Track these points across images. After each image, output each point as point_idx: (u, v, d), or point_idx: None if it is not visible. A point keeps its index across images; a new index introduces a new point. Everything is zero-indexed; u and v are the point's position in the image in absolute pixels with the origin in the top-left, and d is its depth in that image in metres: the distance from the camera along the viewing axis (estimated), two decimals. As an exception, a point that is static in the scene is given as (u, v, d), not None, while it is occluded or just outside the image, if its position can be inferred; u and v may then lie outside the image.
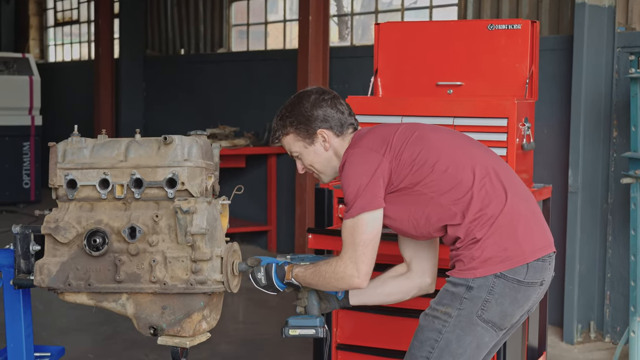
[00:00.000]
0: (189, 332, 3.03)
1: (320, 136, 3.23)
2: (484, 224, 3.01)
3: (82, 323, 6.22)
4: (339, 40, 9.20)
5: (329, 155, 3.26)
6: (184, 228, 2.94)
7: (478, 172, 3.08)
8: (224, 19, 10.31)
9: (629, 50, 5.57)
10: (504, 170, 3.16)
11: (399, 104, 4.46)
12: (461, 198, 3.04)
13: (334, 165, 3.28)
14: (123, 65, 12.01)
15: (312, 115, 3.22)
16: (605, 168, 5.91)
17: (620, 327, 5.82)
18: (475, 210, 3.02)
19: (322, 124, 3.22)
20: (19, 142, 11.61)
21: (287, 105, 3.28)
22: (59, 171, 3.08)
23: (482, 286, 2.99)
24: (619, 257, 5.84)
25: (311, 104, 3.23)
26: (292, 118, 3.23)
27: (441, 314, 3.05)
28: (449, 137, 3.23)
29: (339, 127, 3.24)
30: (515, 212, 3.05)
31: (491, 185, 3.06)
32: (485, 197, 3.04)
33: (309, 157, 3.27)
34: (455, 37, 4.64)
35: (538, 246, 3.06)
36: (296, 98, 3.28)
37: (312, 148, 3.25)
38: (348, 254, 3.05)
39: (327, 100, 3.24)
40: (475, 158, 3.13)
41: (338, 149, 3.25)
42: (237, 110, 9.65)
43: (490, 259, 2.99)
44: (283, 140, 3.29)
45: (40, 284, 3.07)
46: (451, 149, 3.13)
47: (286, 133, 3.26)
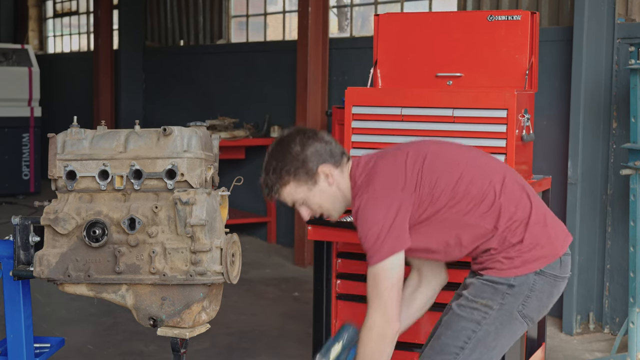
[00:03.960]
0: (188, 323, 3.03)
1: (322, 174, 3.14)
2: (517, 229, 3.05)
3: (82, 314, 6.22)
4: (339, 31, 9.18)
5: (334, 190, 3.18)
6: (184, 219, 2.94)
7: (496, 181, 3.10)
8: (224, 10, 10.29)
9: (629, 41, 5.56)
10: (514, 173, 3.20)
11: (399, 95, 4.46)
12: (488, 211, 3.05)
13: (340, 200, 3.20)
14: (122, 57, 11.99)
15: (306, 156, 3.12)
16: (604, 159, 5.91)
17: (620, 318, 5.82)
18: (506, 219, 3.05)
19: (320, 160, 3.14)
20: (18, 134, 11.59)
21: (275, 157, 3.17)
22: (58, 162, 3.08)
23: (523, 284, 3.04)
24: (618, 249, 5.85)
25: (300, 146, 3.13)
26: (287, 166, 3.14)
27: (481, 306, 3.05)
28: (457, 152, 3.22)
29: (333, 158, 3.16)
30: (540, 211, 3.11)
31: (512, 191, 3.10)
32: (510, 203, 3.06)
33: (316, 198, 3.18)
34: (455, 28, 4.63)
35: (562, 238, 3.13)
36: (280, 146, 3.17)
37: (317, 188, 3.16)
38: (375, 305, 3.03)
39: (312, 136, 3.15)
40: (487, 168, 3.15)
41: (340, 183, 3.18)
42: (236, 102, 9.64)
43: (529, 258, 3.04)
44: (283, 192, 3.18)
45: (40, 275, 3.07)
46: (464, 166, 3.13)
47: (285, 183, 3.16)
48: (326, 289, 4.48)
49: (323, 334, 4.48)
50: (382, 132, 4.48)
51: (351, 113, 4.53)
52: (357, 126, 4.53)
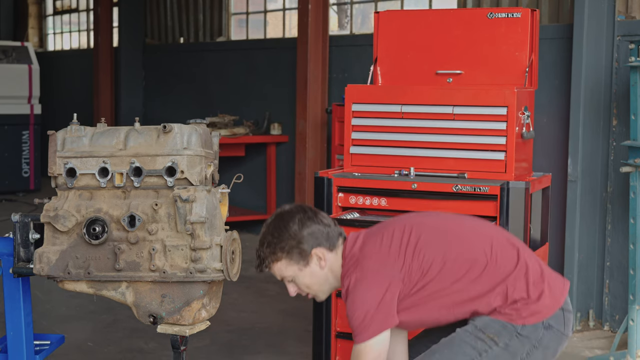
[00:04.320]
0: (188, 320, 3.03)
1: (315, 256, 3.14)
2: (517, 285, 3.05)
3: (82, 311, 6.22)
4: (339, 28, 9.17)
5: (326, 274, 3.18)
6: (184, 216, 2.95)
7: (485, 244, 3.11)
8: (224, 8, 10.28)
9: (629, 38, 5.56)
10: (502, 232, 3.22)
11: (399, 92, 4.46)
12: (480, 275, 3.05)
13: (330, 282, 3.21)
14: (122, 54, 11.99)
15: (303, 237, 3.12)
16: (604, 157, 5.91)
17: (620, 315, 5.82)
18: (502, 279, 3.05)
19: (315, 243, 3.13)
20: (18, 131, 11.59)
21: (272, 231, 3.15)
22: (58, 160, 3.08)
23: (531, 334, 3.05)
24: (618, 246, 5.85)
25: (299, 225, 3.12)
26: (282, 243, 3.13)
27: (487, 338, 3.05)
28: (442, 221, 3.23)
29: (329, 241, 3.16)
30: (536, 264, 3.12)
31: (503, 250, 3.11)
32: (504, 262, 3.07)
33: (305, 279, 3.18)
34: (455, 25, 4.63)
35: (561, 286, 3.15)
36: (279, 221, 3.16)
37: (307, 270, 3.16)
38: None
39: (312, 217, 3.15)
40: (474, 233, 3.17)
41: (333, 265, 3.17)
42: (236, 99, 9.64)
43: (536, 309, 3.04)
44: (273, 267, 3.17)
45: (40, 272, 3.07)
46: (451, 234, 3.14)
47: (276, 259, 3.15)
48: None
49: (323, 331, 4.48)
50: (382, 130, 4.48)
51: (351, 110, 4.53)
52: (357, 123, 4.54)
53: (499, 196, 4.10)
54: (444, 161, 4.36)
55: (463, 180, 4.23)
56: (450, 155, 4.35)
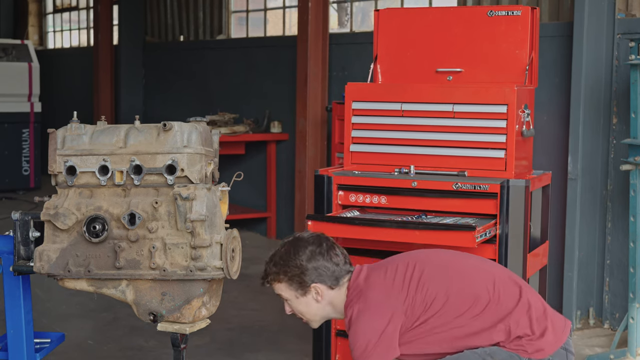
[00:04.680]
0: (188, 318, 3.04)
1: (313, 290, 3.22)
2: (519, 320, 3.07)
3: (82, 309, 6.22)
4: (339, 26, 9.17)
5: (322, 306, 3.25)
6: (184, 214, 2.95)
7: (488, 281, 3.14)
8: (223, 6, 10.28)
9: (629, 36, 5.56)
10: (504, 270, 3.25)
11: (399, 90, 4.46)
12: (483, 311, 3.08)
13: (326, 314, 3.29)
14: (122, 52, 11.99)
15: (307, 269, 3.20)
16: (604, 155, 5.91)
17: (620, 313, 5.82)
18: (504, 315, 3.07)
19: (317, 279, 3.20)
20: (18, 129, 11.59)
21: (282, 253, 3.25)
22: (58, 158, 3.08)
23: None
24: (618, 244, 5.85)
25: (307, 257, 3.20)
26: (286, 268, 3.22)
27: None
28: (445, 258, 3.26)
29: (333, 280, 3.22)
30: (538, 302, 3.16)
31: (505, 288, 3.14)
32: (506, 300, 3.10)
33: (299, 306, 3.28)
34: (455, 23, 4.63)
35: (562, 325, 3.17)
36: (292, 246, 3.24)
37: (303, 299, 3.25)
38: None
39: (323, 253, 3.21)
40: (477, 270, 3.20)
41: (333, 300, 3.24)
42: (236, 97, 9.64)
43: (540, 346, 3.07)
44: (274, 285, 3.29)
45: (40, 270, 3.07)
46: (454, 270, 3.17)
47: (278, 280, 3.26)
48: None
49: (323, 329, 4.48)
50: (382, 128, 4.48)
51: (351, 108, 4.53)
52: (357, 121, 4.54)
53: (499, 194, 4.10)
54: (444, 159, 4.36)
55: (463, 178, 4.23)
56: (450, 153, 4.35)
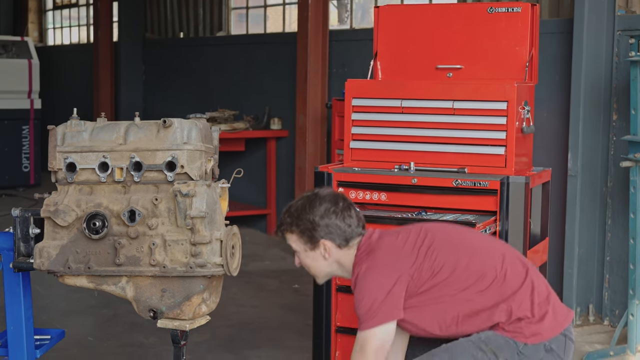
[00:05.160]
0: (188, 315, 3.04)
1: (322, 246, 3.23)
2: (522, 303, 3.07)
3: (82, 306, 6.22)
4: (339, 23, 9.17)
5: (329, 263, 3.27)
6: (184, 211, 2.95)
7: (497, 259, 3.14)
8: (223, 2, 10.27)
9: (629, 33, 5.55)
10: (514, 251, 3.25)
11: (399, 87, 4.45)
12: (488, 288, 3.08)
13: (331, 271, 3.30)
14: (122, 49, 11.98)
15: (318, 225, 3.21)
16: (604, 151, 5.91)
17: (619, 310, 5.82)
18: (508, 295, 3.07)
19: (326, 236, 3.21)
20: (18, 126, 11.59)
21: (299, 206, 3.27)
22: (58, 154, 3.08)
23: (532, 356, 3.07)
24: (618, 241, 5.85)
25: (320, 214, 3.21)
26: (299, 221, 3.24)
27: (488, 351, 3.07)
28: (458, 233, 3.28)
29: (343, 240, 3.23)
30: (543, 286, 3.16)
31: (513, 268, 3.14)
32: (513, 280, 3.10)
33: (307, 260, 3.29)
34: (455, 20, 4.62)
35: (565, 312, 3.18)
36: (309, 201, 3.26)
37: (311, 254, 3.26)
38: None
39: (337, 212, 3.22)
40: (487, 247, 3.20)
41: (341, 259, 3.26)
42: (236, 94, 9.64)
43: (538, 330, 3.07)
44: (286, 235, 3.30)
45: (40, 267, 3.08)
46: (465, 245, 3.19)
47: (291, 231, 3.28)
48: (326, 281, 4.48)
49: (323, 325, 4.48)
50: (382, 124, 4.47)
51: (351, 105, 4.52)
52: (357, 118, 4.53)
53: (499, 191, 4.10)
54: (444, 156, 4.36)
55: (463, 175, 4.23)
56: (450, 149, 4.35)
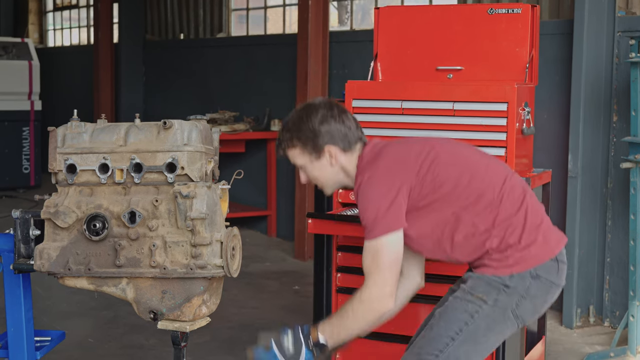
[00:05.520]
0: (189, 316, 3.04)
1: (327, 153, 3.20)
2: (515, 230, 3.07)
3: (83, 308, 6.22)
4: (339, 24, 9.17)
5: (335, 171, 3.24)
6: (184, 213, 2.95)
7: (498, 181, 3.13)
8: (224, 4, 10.28)
9: (630, 34, 5.55)
10: (516, 176, 3.23)
11: (399, 88, 4.46)
12: (486, 209, 3.08)
13: (339, 179, 3.27)
14: (122, 50, 11.99)
15: (319, 132, 3.18)
16: (605, 153, 5.91)
17: (620, 311, 5.83)
18: (503, 219, 3.07)
19: (330, 141, 3.19)
20: (19, 127, 11.60)
21: (295, 119, 3.24)
22: (58, 156, 3.08)
23: (518, 285, 3.06)
24: (618, 242, 5.85)
25: (319, 120, 3.19)
26: (299, 133, 3.21)
27: (476, 299, 3.08)
28: (463, 150, 3.26)
29: (346, 143, 3.21)
30: (539, 213, 3.15)
31: (512, 192, 3.13)
32: (510, 204, 3.09)
33: (314, 171, 3.26)
34: (455, 21, 4.63)
35: (558, 239, 3.18)
36: (303, 111, 3.24)
37: (317, 163, 3.23)
38: (372, 279, 3.04)
39: (335, 115, 3.20)
40: (490, 168, 3.18)
41: (346, 165, 3.23)
42: (236, 95, 9.64)
43: (524, 257, 3.06)
44: (288, 152, 3.27)
45: (40, 268, 3.07)
46: (469, 163, 3.17)
47: (292, 146, 3.24)
48: (326, 282, 4.48)
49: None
50: (382, 126, 4.47)
51: (351, 106, 4.52)
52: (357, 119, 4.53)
53: (499, 192, 4.09)
54: (444, 157, 4.35)
55: (463, 176, 4.22)
56: (450, 151, 4.34)
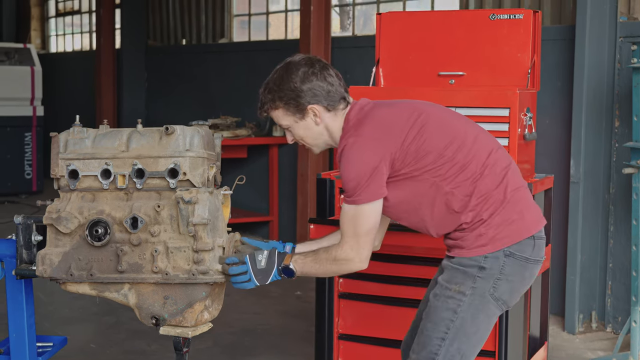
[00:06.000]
0: (191, 322, 3.04)
1: (311, 112, 3.15)
2: (491, 205, 3.06)
3: (85, 313, 6.22)
4: (341, 30, 9.18)
5: (321, 129, 3.20)
6: (186, 218, 2.95)
7: (483, 154, 3.11)
8: (226, 9, 10.29)
9: (631, 40, 5.56)
10: (502, 150, 3.21)
11: (401, 93, 4.45)
12: (466, 181, 3.07)
13: (325, 139, 3.23)
14: (125, 56, 11.99)
15: (301, 91, 3.13)
16: (607, 158, 5.91)
17: (622, 317, 5.82)
18: (482, 194, 3.06)
19: (312, 99, 3.14)
20: (21, 133, 11.60)
21: (275, 78, 3.19)
22: (60, 161, 3.08)
23: (493, 266, 3.06)
24: (620, 247, 5.84)
25: (300, 79, 3.13)
26: (281, 93, 3.15)
27: (455, 293, 3.08)
28: (452, 118, 3.22)
29: (329, 101, 3.15)
30: (520, 191, 3.14)
31: (495, 166, 3.11)
32: (491, 179, 3.08)
33: (300, 131, 3.21)
34: (457, 27, 4.63)
35: (536, 219, 3.16)
36: (284, 70, 3.18)
37: (302, 123, 3.18)
38: (350, 243, 3.05)
39: (317, 73, 3.15)
40: (478, 140, 3.16)
41: (329, 124, 3.18)
42: (238, 101, 9.65)
43: (497, 235, 3.06)
44: (272, 114, 3.22)
45: (43, 274, 3.08)
46: (456, 133, 3.13)
47: (275, 107, 3.19)
48: (328, 287, 4.48)
49: (325, 332, 4.48)
50: (384, 131, 4.46)
51: (353, 112, 4.51)
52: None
53: (501, 198, 4.09)
54: (446, 162, 4.35)
55: (465, 182, 4.22)
56: (452, 156, 4.34)
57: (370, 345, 4.43)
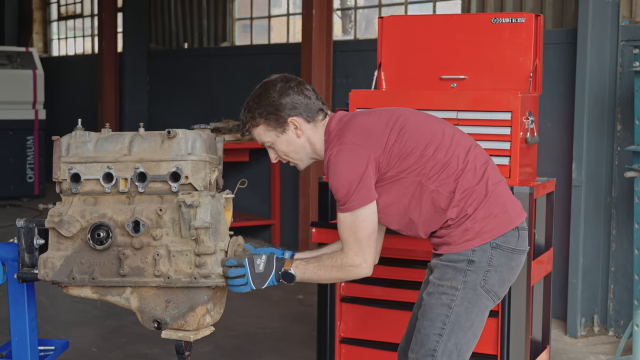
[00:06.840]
0: (192, 325, 3.04)
1: (291, 124, 3.21)
2: (474, 200, 3.13)
3: (86, 317, 6.22)
4: (343, 34, 9.18)
5: (303, 142, 3.24)
6: (188, 222, 2.95)
7: (461, 152, 3.19)
8: (228, 13, 10.30)
9: (633, 43, 5.56)
10: (479, 148, 3.29)
11: (403, 97, 4.46)
12: (449, 178, 3.13)
13: (308, 152, 3.28)
14: (127, 59, 12.00)
15: (280, 104, 3.19)
16: (609, 162, 5.91)
17: (624, 320, 5.81)
18: (464, 190, 3.13)
19: (292, 112, 3.20)
20: (23, 136, 11.60)
21: (254, 97, 3.26)
22: (62, 165, 3.08)
23: (481, 259, 3.13)
24: (622, 251, 5.84)
25: (278, 93, 3.20)
26: (260, 109, 3.21)
27: (448, 289, 3.14)
28: (428, 120, 3.29)
29: (308, 112, 3.22)
30: (500, 186, 3.21)
31: (474, 163, 3.19)
32: (471, 175, 3.16)
33: (282, 146, 3.25)
34: (459, 30, 4.63)
35: (518, 211, 3.24)
36: (261, 88, 3.27)
37: (284, 137, 3.23)
38: (354, 250, 3.09)
39: (293, 87, 3.22)
40: (455, 139, 3.23)
41: (311, 136, 3.24)
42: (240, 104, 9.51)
43: (483, 229, 3.13)
44: (253, 132, 3.27)
45: (45, 277, 3.08)
46: (434, 133, 3.20)
47: (256, 124, 3.24)
48: (330, 291, 4.48)
49: (327, 336, 4.48)
50: (386, 135, 4.46)
51: (355, 115, 4.52)
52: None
53: (503, 201, 4.09)
54: (448, 166, 4.35)
55: (467, 186, 4.22)
56: (454, 160, 4.34)
57: (372, 349, 4.42)
